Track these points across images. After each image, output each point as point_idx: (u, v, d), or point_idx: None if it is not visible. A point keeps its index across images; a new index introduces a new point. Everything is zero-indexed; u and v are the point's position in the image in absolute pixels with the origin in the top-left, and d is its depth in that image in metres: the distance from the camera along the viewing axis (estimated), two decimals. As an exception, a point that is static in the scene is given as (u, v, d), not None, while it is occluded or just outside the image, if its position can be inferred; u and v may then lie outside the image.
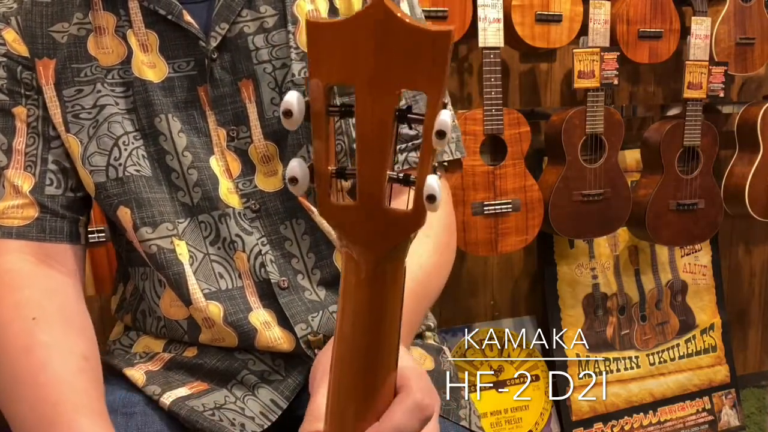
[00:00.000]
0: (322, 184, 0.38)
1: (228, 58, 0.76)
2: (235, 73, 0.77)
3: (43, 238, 0.76)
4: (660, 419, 2.19)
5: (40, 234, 0.76)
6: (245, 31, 0.76)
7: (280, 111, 0.37)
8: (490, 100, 1.71)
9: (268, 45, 0.77)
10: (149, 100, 0.75)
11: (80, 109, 0.75)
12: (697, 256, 2.28)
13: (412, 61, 0.34)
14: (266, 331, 0.77)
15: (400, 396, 0.46)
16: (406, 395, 0.46)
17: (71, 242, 0.78)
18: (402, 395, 0.46)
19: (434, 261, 0.77)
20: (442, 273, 0.79)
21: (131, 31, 0.75)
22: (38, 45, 0.75)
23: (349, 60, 0.35)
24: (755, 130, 2.05)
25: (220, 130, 0.77)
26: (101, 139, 0.75)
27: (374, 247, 0.39)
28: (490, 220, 1.77)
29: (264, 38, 0.77)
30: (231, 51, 0.76)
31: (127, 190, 0.76)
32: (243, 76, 0.77)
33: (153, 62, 0.76)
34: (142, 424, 0.73)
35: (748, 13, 2.00)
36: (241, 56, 0.76)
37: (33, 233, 0.75)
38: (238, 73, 0.77)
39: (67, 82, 0.75)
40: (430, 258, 0.76)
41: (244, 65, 0.77)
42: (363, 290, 0.41)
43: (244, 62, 0.76)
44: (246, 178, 0.78)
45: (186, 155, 0.76)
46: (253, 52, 0.77)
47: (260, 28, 0.77)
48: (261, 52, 0.77)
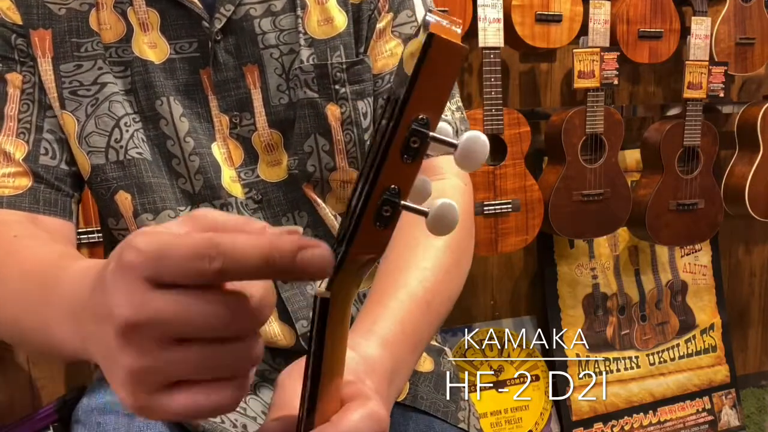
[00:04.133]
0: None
1: (233, 41, 0.73)
2: (239, 58, 0.74)
3: (36, 209, 0.71)
4: (660, 419, 2.19)
5: (34, 205, 0.71)
6: (251, 13, 0.73)
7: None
8: (490, 100, 1.71)
9: (275, 29, 0.74)
10: (150, 81, 0.72)
11: (78, 86, 0.72)
12: (697, 256, 2.28)
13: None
14: (266, 327, 0.76)
15: (360, 401, 0.43)
16: (363, 401, 0.43)
17: (65, 218, 0.73)
18: (361, 401, 0.43)
19: (443, 262, 0.68)
20: (457, 273, 0.71)
21: (131, 8, 0.72)
22: (33, 15, 0.71)
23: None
24: (755, 130, 2.05)
25: (222, 117, 0.74)
26: (101, 118, 0.72)
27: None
28: (490, 220, 1.77)
29: (271, 22, 0.74)
30: (236, 34, 0.73)
31: (128, 174, 0.73)
32: (248, 61, 0.74)
33: (154, 42, 0.73)
34: (144, 426, 0.72)
35: (748, 13, 2.00)
36: (247, 40, 0.73)
37: (25, 203, 0.70)
38: (243, 57, 0.74)
39: (65, 56, 0.71)
40: (438, 260, 0.68)
41: (249, 49, 0.74)
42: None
43: (249, 46, 0.73)
44: (248, 167, 0.76)
45: (188, 141, 0.73)
46: (259, 36, 0.74)
47: (267, 11, 0.74)
48: (268, 36, 0.74)
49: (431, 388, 0.80)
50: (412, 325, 0.58)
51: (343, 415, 0.41)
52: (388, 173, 0.34)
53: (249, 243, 0.33)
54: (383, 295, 0.60)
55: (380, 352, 0.53)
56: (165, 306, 0.33)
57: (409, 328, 0.57)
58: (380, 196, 0.34)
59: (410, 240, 0.67)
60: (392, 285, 0.61)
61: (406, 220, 0.72)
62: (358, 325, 0.56)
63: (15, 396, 1.70)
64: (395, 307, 0.58)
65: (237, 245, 0.33)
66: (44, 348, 0.49)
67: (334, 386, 0.41)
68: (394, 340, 0.55)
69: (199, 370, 0.35)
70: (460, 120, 0.80)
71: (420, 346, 0.60)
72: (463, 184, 0.77)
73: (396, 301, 0.59)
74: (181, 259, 0.33)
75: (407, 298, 0.60)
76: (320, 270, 0.34)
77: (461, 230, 0.72)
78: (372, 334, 0.54)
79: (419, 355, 0.61)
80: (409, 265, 0.64)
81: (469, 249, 0.75)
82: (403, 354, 0.56)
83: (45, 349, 0.49)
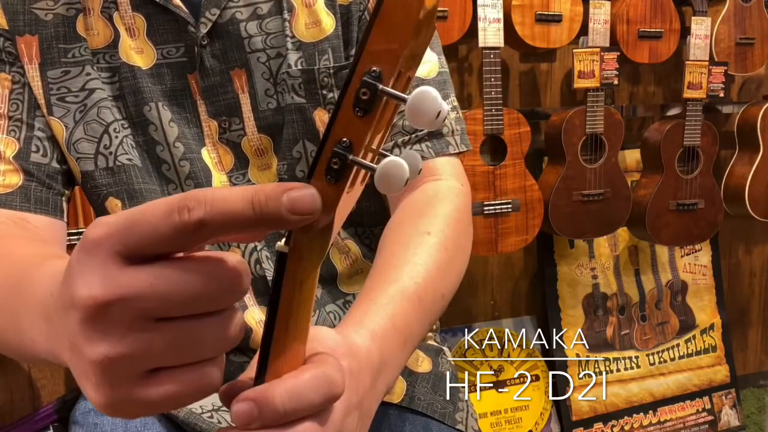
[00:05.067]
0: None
1: (219, 46, 0.72)
2: (226, 62, 0.73)
3: (27, 208, 0.70)
4: (660, 419, 2.19)
5: (24, 203, 0.70)
6: (237, 17, 0.72)
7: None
8: (490, 100, 1.71)
9: (262, 33, 0.73)
10: (138, 87, 0.71)
11: (66, 92, 0.71)
12: (697, 256, 2.28)
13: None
14: (261, 330, 0.76)
15: (313, 363, 0.40)
16: (318, 364, 0.40)
17: (55, 216, 0.72)
18: (315, 363, 0.40)
19: (436, 259, 0.66)
20: (451, 270, 0.68)
21: (117, 13, 0.71)
22: (19, 21, 0.70)
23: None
24: (755, 130, 2.04)
25: (211, 122, 0.74)
26: (89, 124, 0.71)
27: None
28: (490, 220, 1.77)
29: (258, 25, 0.73)
30: (222, 38, 0.72)
31: (118, 181, 0.72)
32: (235, 65, 0.73)
33: (140, 47, 0.72)
34: (141, 426, 0.72)
35: (748, 13, 2.00)
36: (233, 44, 0.73)
37: (16, 202, 0.69)
38: (230, 62, 0.73)
39: (53, 62, 0.71)
40: (431, 257, 0.66)
41: (236, 54, 0.73)
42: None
43: (236, 50, 0.73)
44: (239, 172, 0.75)
45: (177, 146, 0.73)
46: (245, 39, 0.73)
47: (254, 14, 0.73)
48: (254, 40, 0.73)
49: (429, 389, 0.80)
50: (403, 320, 0.57)
51: (292, 374, 0.39)
52: (340, 126, 0.34)
53: (231, 190, 0.32)
54: (373, 290, 0.59)
55: (368, 343, 0.52)
56: (136, 281, 0.31)
57: (399, 323, 0.56)
58: (332, 149, 0.34)
59: (403, 238, 0.67)
60: (383, 281, 0.60)
61: (399, 218, 0.73)
62: (348, 319, 0.56)
63: (15, 396, 1.70)
64: (385, 302, 0.57)
65: (217, 193, 0.31)
66: (19, 350, 0.47)
67: (292, 351, 0.40)
68: (384, 334, 0.54)
69: (177, 352, 0.33)
70: (455, 120, 0.79)
71: (411, 342, 0.59)
72: (459, 185, 0.77)
73: (386, 296, 0.58)
74: (156, 219, 0.31)
75: (398, 293, 0.59)
76: (309, 208, 0.33)
77: (457, 229, 0.71)
78: (361, 327, 0.53)
79: (411, 350, 0.60)
80: (401, 261, 0.63)
81: (465, 248, 0.73)
82: (393, 348, 0.55)
83: (20, 351, 0.47)
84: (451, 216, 0.71)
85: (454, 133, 0.78)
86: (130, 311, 0.31)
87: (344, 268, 0.80)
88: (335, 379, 0.40)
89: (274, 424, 0.38)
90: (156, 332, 0.32)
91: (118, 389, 0.32)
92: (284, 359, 0.40)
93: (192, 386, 0.34)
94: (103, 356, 0.31)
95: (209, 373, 0.34)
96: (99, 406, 0.33)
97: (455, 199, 0.74)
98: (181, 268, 0.32)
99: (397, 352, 0.56)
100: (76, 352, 0.33)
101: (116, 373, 0.32)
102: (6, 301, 0.48)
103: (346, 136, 0.34)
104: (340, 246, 0.80)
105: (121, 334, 0.31)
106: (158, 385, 0.33)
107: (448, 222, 0.70)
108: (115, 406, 0.33)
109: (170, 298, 0.31)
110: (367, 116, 0.34)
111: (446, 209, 0.71)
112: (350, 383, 0.45)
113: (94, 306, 0.31)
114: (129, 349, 0.31)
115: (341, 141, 0.34)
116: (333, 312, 0.79)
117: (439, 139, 0.77)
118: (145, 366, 0.33)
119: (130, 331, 0.31)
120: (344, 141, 0.34)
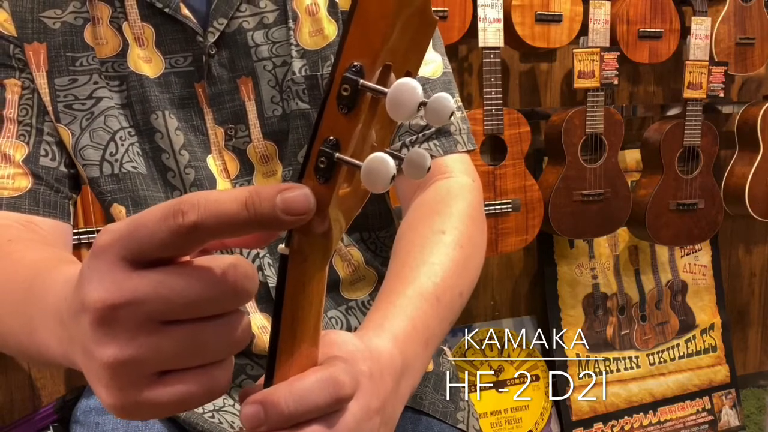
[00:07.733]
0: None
1: (226, 55, 0.74)
2: (233, 70, 0.74)
3: (36, 212, 0.71)
4: (660, 419, 2.19)
5: (33, 207, 0.71)
6: (244, 26, 0.74)
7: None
8: (490, 100, 1.71)
9: (268, 41, 0.74)
10: (145, 95, 0.73)
11: (74, 99, 0.72)
12: (697, 256, 2.28)
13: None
14: (264, 336, 0.76)
15: (321, 366, 0.40)
16: (326, 367, 0.40)
17: (63, 219, 0.73)
18: (322, 366, 0.40)
19: (453, 258, 0.66)
20: (468, 267, 0.68)
21: (126, 23, 0.72)
22: (27, 29, 0.71)
23: None
24: (755, 130, 2.05)
25: (217, 129, 0.75)
26: (96, 132, 0.72)
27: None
28: (490, 220, 1.77)
29: (264, 34, 0.74)
30: (230, 47, 0.74)
31: (123, 188, 0.73)
32: (242, 74, 0.74)
33: (149, 57, 0.73)
34: (143, 426, 0.73)
35: (748, 13, 2.00)
36: (240, 53, 0.74)
37: (25, 205, 0.70)
38: (237, 70, 0.74)
39: (60, 70, 0.72)
40: (447, 256, 0.66)
41: (243, 62, 0.74)
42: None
43: (243, 59, 0.74)
44: (244, 179, 0.76)
45: (183, 154, 0.74)
46: (252, 48, 0.74)
47: (260, 23, 0.74)
48: (261, 48, 0.74)
49: (430, 389, 0.80)
50: (423, 321, 0.57)
51: (298, 377, 0.39)
52: (326, 124, 0.34)
53: (225, 192, 0.32)
54: (392, 293, 0.59)
55: (390, 347, 0.51)
56: (143, 285, 0.31)
57: (420, 325, 0.56)
58: (318, 148, 0.34)
59: (418, 238, 0.67)
60: (401, 282, 0.60)
61: (413, 218, 0.73)
62: (368, 322, 0.56)
63: (15, 396, 1.70)
64: (405, 304, 0.57)
65: (211, 195, 0.32)
66: (33, 353, 0.47)
67: (301, 353, 0.39)
68: (405, 337, 0.54)
69: (185, 355, 0.33)
70: (461, 119, 0.80)
71: (432, 342, 0.59)
72: (471, 181, 0.77)
73: (405, 298, 0.58)
74: (153, 223, 0.31)
75: (416, 294, 0.59)
76: (303, 208, 0.33)
77: (471, 226, 0.71)
78: (383, 330, 0.53)
79: (432, 351, 0.60)
80: (418, 261, 0.63)
81: (481, 245, 0.73)
82: (415, 350, 0.55)
83: (34, 354, 0.47)
84: (465, 213, 0.71)
85: (461, 132, 0.79)
86: (138, 314, 0.32)
87: (346, 275, 0.80)
88: (341, 381, 0.40)
89: (281, 426, 0.38)
90: (163, 335, 0.32)
91: (128, 391, 0.33)
92: (293, 362, 0.40)
93: (200, 388, 0.34)
94: (113, 358, 0.32)
95: (217, 376, 0.35)
96: (111, 408, 0.34)
97: (468, 195, 0.74)
98: (186, 272, 0.32)
99: (420, 354, 0.56)
100: (88, 355, 0.33)
101: (126, 375, 0.32)
102: (20, 306, 0.49)
103: (333, 135, 0.34)
104: (343, 253, 0.80)
105: (130, 337, 0.32)
106: (167, 387, 0.33)
107: (462, 219, 0.70)
108: (126, 408, 0.34)
109: (175, 301, 0.32)
110: (351, 113, 0.33)
111: (459, 206, 0.71)
112: (371, 387, 0.45)
113: (103, 309, 0.31)
114: (138, 352, 0.32)
115: (328, 139, 0.34)
116: (335, 318, 0.79)
117: (447, 137, 0.77)
118: (154, 368, 0.33)
119: (138, 334, 0.32)
120: (331, 139, 0.34)
